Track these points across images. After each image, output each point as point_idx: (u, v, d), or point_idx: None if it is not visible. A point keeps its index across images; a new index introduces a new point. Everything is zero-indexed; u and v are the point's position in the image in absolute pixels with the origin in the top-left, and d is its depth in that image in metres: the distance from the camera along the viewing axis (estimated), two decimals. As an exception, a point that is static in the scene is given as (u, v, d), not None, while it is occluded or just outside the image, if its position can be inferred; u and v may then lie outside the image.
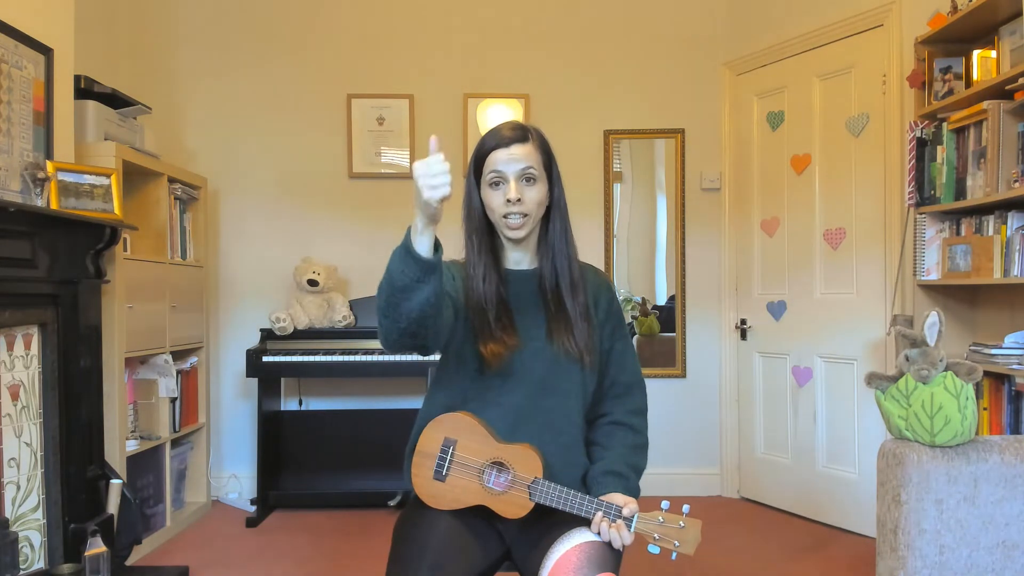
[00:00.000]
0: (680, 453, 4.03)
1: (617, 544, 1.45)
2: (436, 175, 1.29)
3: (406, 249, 1.33)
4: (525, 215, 1.55)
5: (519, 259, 1.65)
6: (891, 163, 3.21)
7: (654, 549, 1.46)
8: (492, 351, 1.53)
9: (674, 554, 1.45)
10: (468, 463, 1.50)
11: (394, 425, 3.71)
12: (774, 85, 3.75)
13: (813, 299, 3.57)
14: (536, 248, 1.64)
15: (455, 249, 1.66)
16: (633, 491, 1.56)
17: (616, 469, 1.57)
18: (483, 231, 1.61)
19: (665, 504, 1.48)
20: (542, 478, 1.47)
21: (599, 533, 1.46)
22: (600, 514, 1.45)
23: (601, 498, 1.48)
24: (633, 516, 1.45)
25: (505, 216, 1.55)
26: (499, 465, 1.49)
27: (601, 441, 1.63)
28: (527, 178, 1.56)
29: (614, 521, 1.45)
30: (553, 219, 1.62)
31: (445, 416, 1.53)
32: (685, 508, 1.48)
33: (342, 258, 3.99)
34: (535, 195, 1.56)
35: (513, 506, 1.48)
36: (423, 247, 1.32)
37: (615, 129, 4.06)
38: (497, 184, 1.56)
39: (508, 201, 1.54)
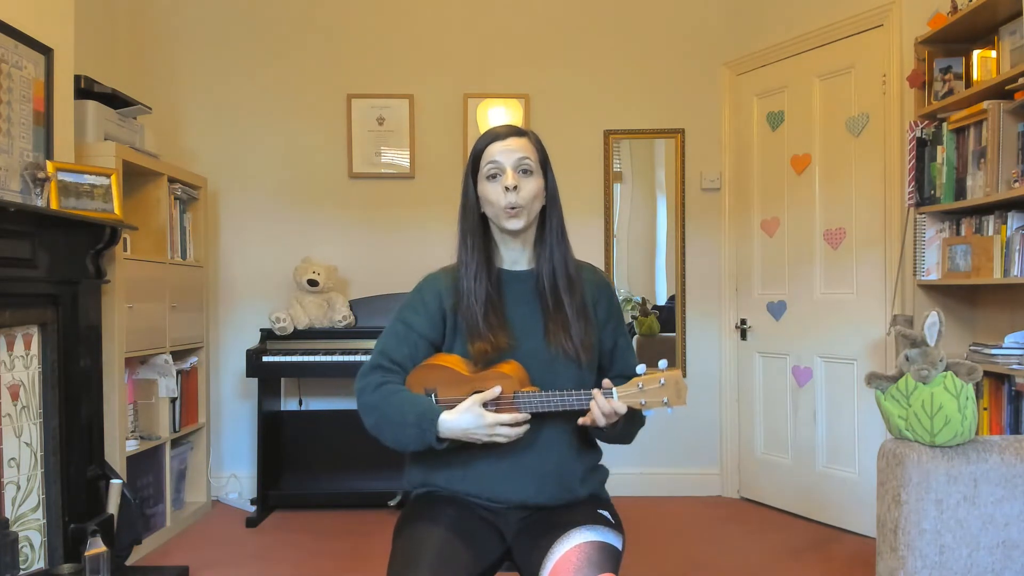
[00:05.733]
0: (680, 453, 4.03)
1: (603, 413, 1.47)
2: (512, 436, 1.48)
3: (426, 443, 1.50)
4: (521, 205, 1.56)
5: (516, 258, 1.65)
6: (891, 163, 3.21)
7: (649, 412, 1.48)
8: (479, 349, 1.54)
9: (670, 410, 1.47)
10: (455, 403, 1.52)
11: (394, 425, 3.71)
12: (774, 85, 3.75)
13: (813, 299, 3.57)
14: (534, 247, 1.65)
15: (449, 247, 1.68)
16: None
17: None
18: (477, 231, 1.62)
19: (641, 368, 1.50)
20: (520, 391, 1.50)
21: (593, 421, 1.48)
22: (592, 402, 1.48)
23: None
24: (612, 390, 1.47)
25: (503, 207, 1.56)
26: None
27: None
28: (524, 169, 1.58)
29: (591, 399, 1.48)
30: (550, 217, 1.63)
31: (416, 372, 1.58)
32: (662, 364, 1.49)
33: (342, 258, 3.99)
34: (532, 186, 1.58)
35: None
36: (442, 446, 1.50)
37: (615, 129, 4.06)
38: (495, 176, 1.58)
39: (506, 188, 1.55)
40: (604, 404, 1.46)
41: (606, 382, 1.50)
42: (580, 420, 1.50)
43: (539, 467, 1.55)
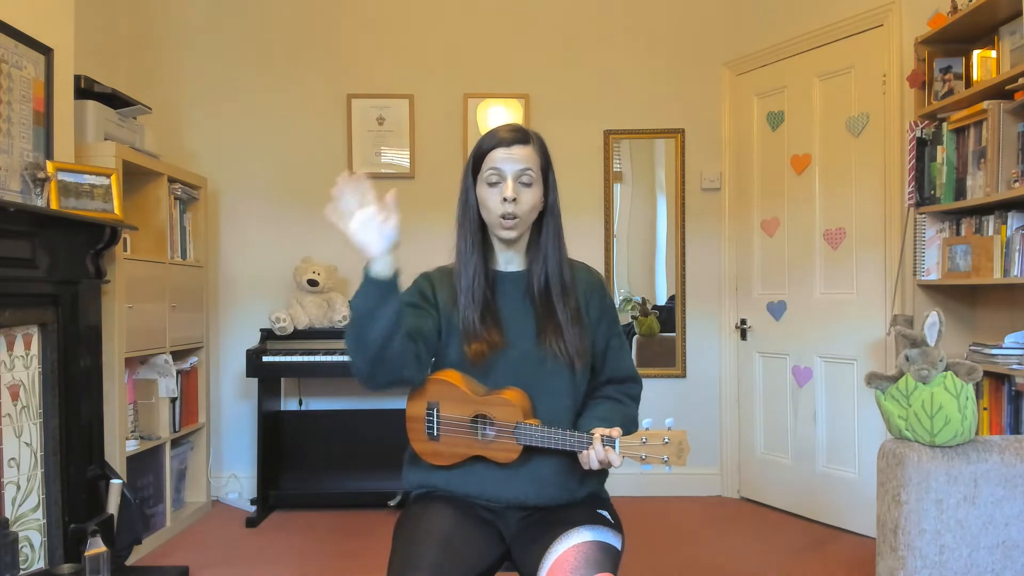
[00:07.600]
0: (680, 453, 4.02)
1: (599, 461, 1.42)
2: (384, 228, 1.38)
3: (365, 277, 1.39)
4: (518, 216, 1.56)
5: (509, 260, 1.65)
6: (891, 163, 3.21)
7: (647, 467, 1.45)
8: (475, 350, 1.54)
9: (667, 468, 1.43)
10: (454, 421, 1.53)
11: (394, 425, 3.67)
12: (774, 85, 3.75)
13: (813, 299, 3.57)
14: (526, 251, 1.65)
15: (449, 247, 1.67)
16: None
17: (604, 416, 1.56)
18: (476, 230, 1.62)
19: (647, 423, 1.45)
20: (523, 421, 1.48)
21: (589, 466, 1.44)
22: (585, 451, 1.44)
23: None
24: (615, 439, 1.42)
25: (501, 216, 1.56)
26: (483, 418, 1.52)
27: (590, 404, 1.63)
28: (524, 180, 1.57)
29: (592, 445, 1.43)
30: (546, 223, 1.63)
31: (424, 384, 1.56)
32: (668, 422, 1.46)
33: (342, 258, 3.98)
34: (530, 198, 1.57)
35: (505, 451, 1.51)
36: (382, 269, 1.39)
37: (615, 129, 4.06)
38: (495, 183, 1.57)
39: (504, 199, 1.55)
40: (600, 452, 1.42)
41: (615, 431, 1.43)
42: (582, 459, 1.45)
43: (539, 470, 1.55)
